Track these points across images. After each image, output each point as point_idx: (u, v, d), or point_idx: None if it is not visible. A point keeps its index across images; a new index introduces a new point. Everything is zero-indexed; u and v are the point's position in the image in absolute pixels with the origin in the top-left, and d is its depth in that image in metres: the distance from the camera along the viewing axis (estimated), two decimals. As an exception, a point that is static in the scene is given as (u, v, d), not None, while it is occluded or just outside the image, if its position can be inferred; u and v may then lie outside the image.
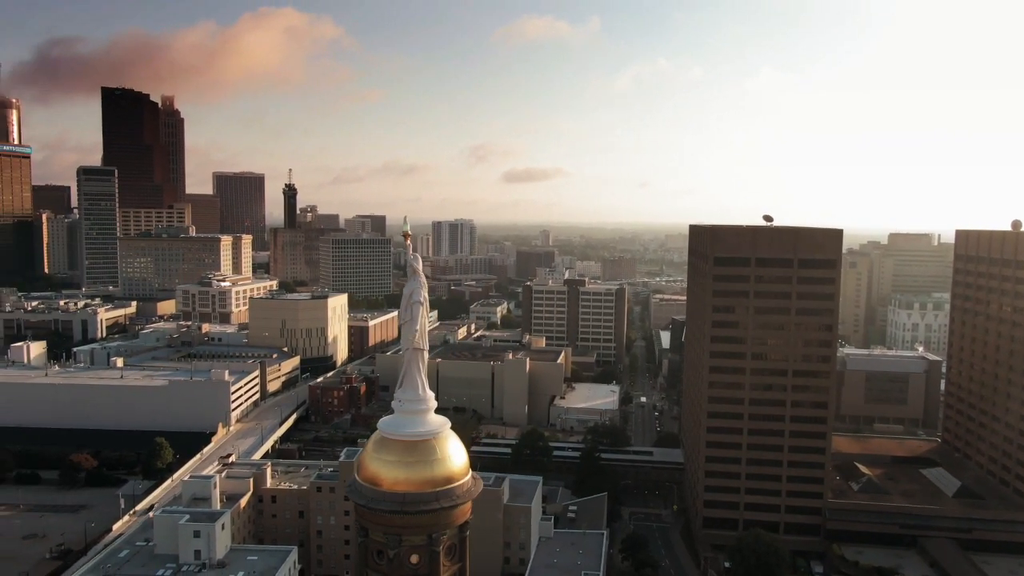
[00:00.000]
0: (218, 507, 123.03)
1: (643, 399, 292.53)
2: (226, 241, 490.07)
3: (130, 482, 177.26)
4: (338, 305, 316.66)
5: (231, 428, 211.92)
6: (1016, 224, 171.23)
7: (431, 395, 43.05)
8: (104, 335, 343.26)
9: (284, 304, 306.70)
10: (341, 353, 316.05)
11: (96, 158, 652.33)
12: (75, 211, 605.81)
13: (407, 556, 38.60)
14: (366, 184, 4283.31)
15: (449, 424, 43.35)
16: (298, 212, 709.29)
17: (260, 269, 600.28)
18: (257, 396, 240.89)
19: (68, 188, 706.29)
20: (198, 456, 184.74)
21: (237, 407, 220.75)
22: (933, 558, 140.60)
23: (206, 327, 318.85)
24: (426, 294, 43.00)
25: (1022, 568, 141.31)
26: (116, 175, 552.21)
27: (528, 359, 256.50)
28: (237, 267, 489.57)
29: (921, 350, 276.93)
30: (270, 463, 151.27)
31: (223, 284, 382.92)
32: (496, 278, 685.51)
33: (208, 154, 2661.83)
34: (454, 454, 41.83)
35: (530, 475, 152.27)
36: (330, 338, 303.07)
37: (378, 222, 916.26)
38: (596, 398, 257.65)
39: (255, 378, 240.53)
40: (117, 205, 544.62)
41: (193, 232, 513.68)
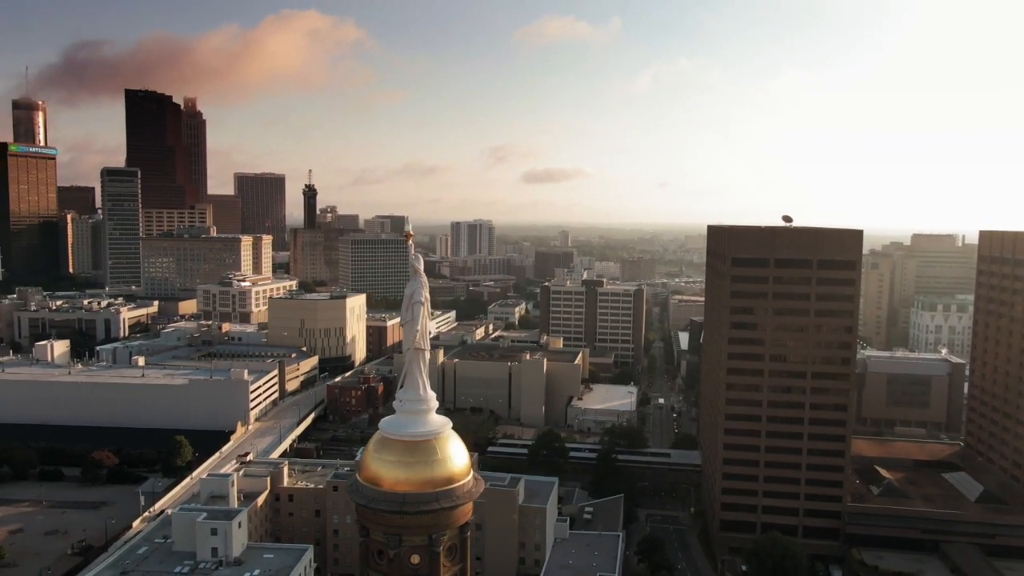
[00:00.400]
0: (235, 505, 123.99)
1: (661, 400, 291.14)
2: (246, 241, 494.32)
3: (150, 480, 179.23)
4: (356, 305, 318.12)
5: (250, 427, 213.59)
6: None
7: (432, 395, 43.00)
8: (126, 334, 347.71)
9: (303, 304, 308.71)
10: (359, 353, 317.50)
11: (121, 159, 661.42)
12: (99, 212, 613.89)
13: (407, 556, 38.58)
14: (386, 185, 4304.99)
15: (450, 424, 43.31)
16: (318, 212, 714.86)
17: (280, 269, 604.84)
18: (276, 395, 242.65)
19: (93, 189, 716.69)
20: (217, 454, 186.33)
21: (256, 406, 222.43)
22: (955, 564, 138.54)
23: (226, 327, 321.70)
24: (427, 294, 43.05)
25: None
26: (139, 176, 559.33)
27: (545, 360, 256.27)
28: (257, 267, 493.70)
29: (944, 352, 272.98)
30: (287, 462, 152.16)
31: (243, 284, 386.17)
32: (514, 279, 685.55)
33: (231, 155, 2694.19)
34: (455, 455, 41.69)
35: (546, 476, 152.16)
36: (348, 338, 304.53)
37: (397, 223, 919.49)
38: (613, 399, 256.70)
39: (274, 377, 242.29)
40: (140, 206, 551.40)
41: (214, 232, 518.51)
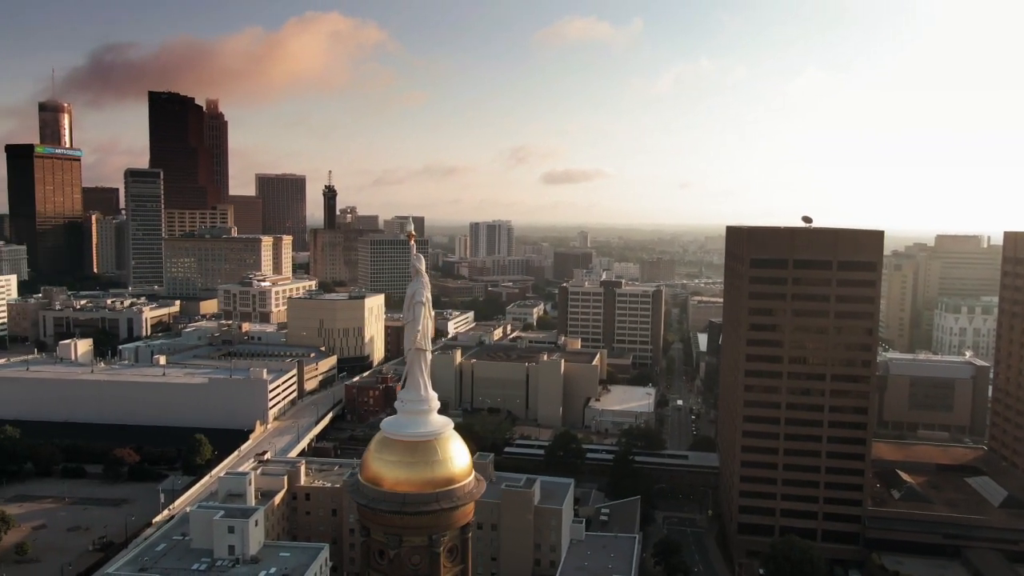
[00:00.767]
0: (253, 504, 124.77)
1: (679, 402, 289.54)
2: (267, 242, 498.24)
3: (170, 477, 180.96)
4: (375, 305, 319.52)
5: (268, 426, 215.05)
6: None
7: (434, 395, 42.93)
8: (148, 333, 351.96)
9: (322, 304, 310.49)
10: (377, 353, 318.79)
11: (145, 161, 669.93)
12: (123, 212, 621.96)
13: (408, 557, 38.48)
14: (406, 186, 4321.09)
15: (452, 425, 43.21)
16: (338, 213, 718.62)
17: (300, 269, 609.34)
18: (294, 395, 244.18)
19: (117, 190, 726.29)
20: (236, 453, 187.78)
21: (275, 405, 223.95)
22: (977, 570, 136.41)
23: (246, 326, 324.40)
24: (428, 295, 43.04)
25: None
26: (162, 177, 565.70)
27: (563, 360, 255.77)
28: (278, 267, 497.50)
29: (969, 355, 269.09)
30: (304, 461, 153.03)
31: (263, 284, 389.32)
32: (533, 279, 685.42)
33: (253, 156, 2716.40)
34: (456, 455, 41.53)
35: (563, 477, 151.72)
36: (367, 338, 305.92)
37: (417, 223, 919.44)
38: (631, 400, 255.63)
39: (293, 377, 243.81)
40: (162, 206, 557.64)
41: (235, 233, 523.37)
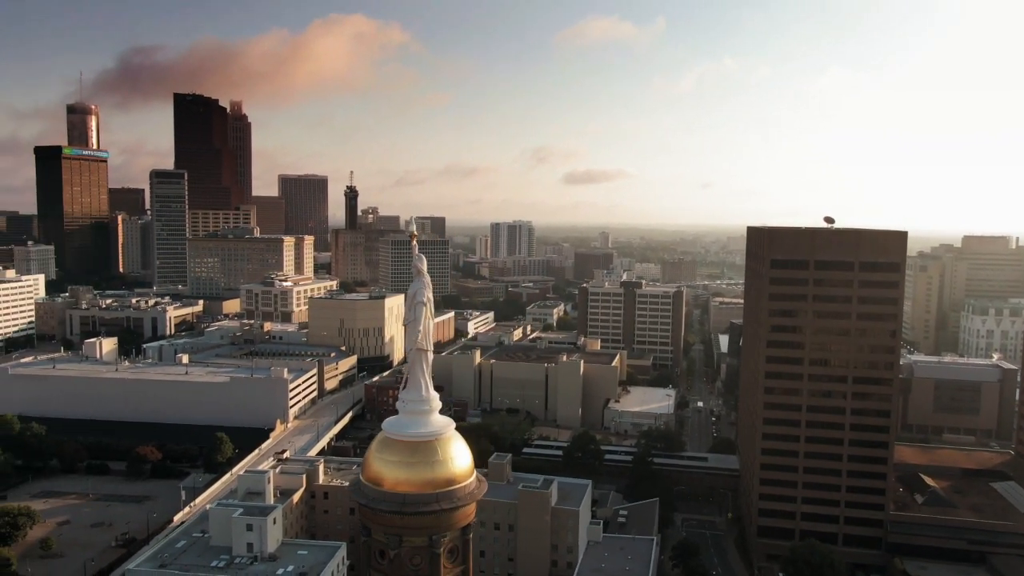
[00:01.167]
0: (271, 502, 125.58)
1: (700, 404, 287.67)
2: (289, 242, 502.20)
3: (192, 475, 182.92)
4: (395, 305, 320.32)
5: (289, 425, 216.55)
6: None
7: (435, 396, 42.85)
8: (172, 332, 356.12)
9: (342, 304, 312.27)
10: (398, 353, 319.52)
11: (170, 162, 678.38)
12: (148, 213, 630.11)
13: (408, 557, 38.41)
14: (427, 186, 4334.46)
15: (453, 425, 43.12)
16: (359, 214, 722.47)
17: (322, 269, 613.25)
18: (315, 394, 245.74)
19: (142, 191, 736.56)
20: (256, 451, 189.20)
21: (295, 404, 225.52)
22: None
23: (268, 326, 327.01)
24: (430, 295, 43.03)
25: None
26: (186, 178, 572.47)
27: (582, 361, 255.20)
28: (299, 267, 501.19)
29: (996, 358, 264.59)
30: (323, 460, 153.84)
31: (285, 284, 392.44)
32: (554, 280, 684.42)
33: (276, 157, 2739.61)
34: (457, 456, 41.38)
35: (581, 478, 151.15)
36: (387, 338, 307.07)
37: (438, 223, 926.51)
38: (651, 402, 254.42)
39: (313, 376, 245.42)
40: (187, 207, 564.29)
41: (258, 233, 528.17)
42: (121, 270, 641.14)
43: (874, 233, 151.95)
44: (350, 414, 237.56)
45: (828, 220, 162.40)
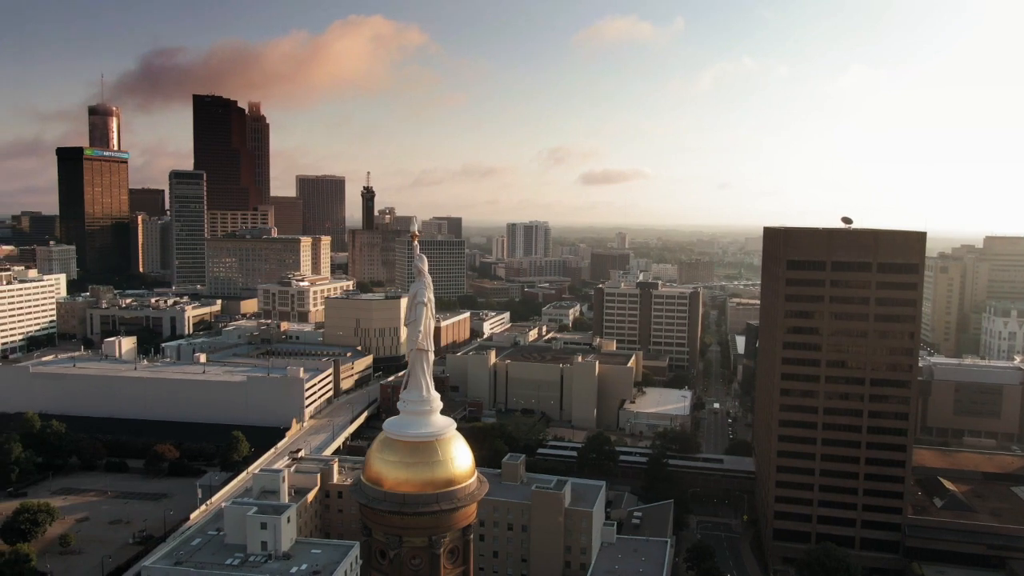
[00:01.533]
0: (286, 500, 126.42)
1: (716, 405, 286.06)
2: (306, 242, 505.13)
3: (208, 473, 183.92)
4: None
5: (305, 424, 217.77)
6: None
7: (436, 396, 42.88)
8: (191, 331, 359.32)
9: (358, 304, 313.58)
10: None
11: (189, 163, 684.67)
12: (168, 213, 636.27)
13: (408, 557, 38.41)
14: (444, 187, 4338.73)
15: (454, 426, 43.08)
16: (376, 214, 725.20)
17: (339, 270, 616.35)
18: (331, 393, 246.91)
19: (162, 191, 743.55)
20: (272, 450, 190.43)
21: (311, 404, 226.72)
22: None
23: (285, 325, 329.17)
24: (431, 295, 43.00)
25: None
26: (204, 178, 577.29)
27: (597, 362, 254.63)
28: (316, 267, 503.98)
29: (1019, 360, 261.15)
30: (338, 459, 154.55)
31: (301, 284, 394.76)
32: (570, 280, 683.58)
33: (294, 158, 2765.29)
34: (458, 456, 41.35)
35: (596, 479, 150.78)
36: (402, 338, 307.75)
37: (454, 224, 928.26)
38: (667, 403, 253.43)
39: (329, 376, 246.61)
40: (205, 207, 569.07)
41: (275, 233, 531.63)
42: (141, 270, 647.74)
43: (892, 234, 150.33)
44: (365, 414, 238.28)
45: (846, 220, 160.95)
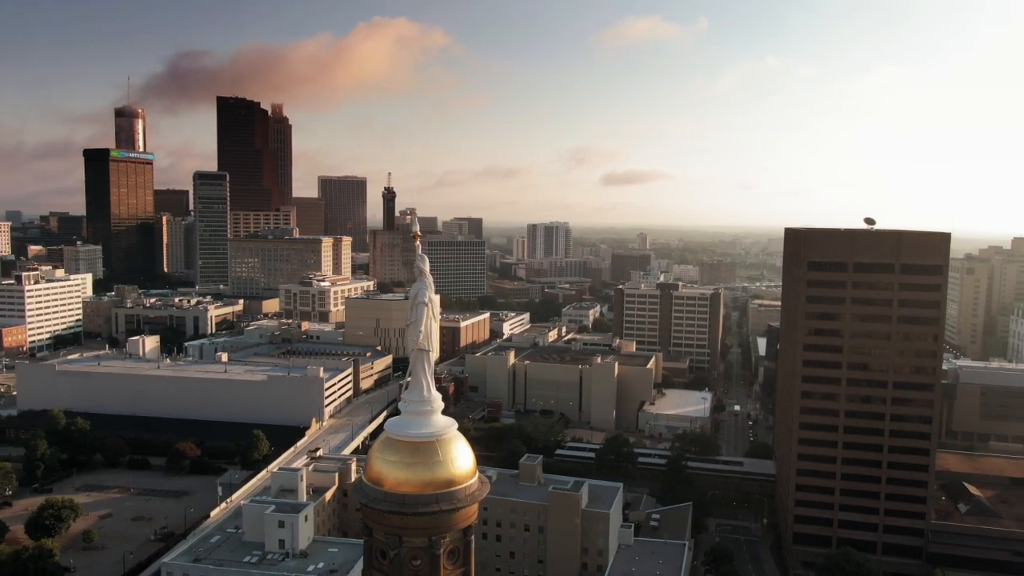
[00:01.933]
0: (304, 499, 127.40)
1: (737, 407, 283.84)
2: (327, 243, 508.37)
3: (229, 471, 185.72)
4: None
5: (324, 423, 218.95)
6: None
7: (437, 396, 42.85)
8: (213, 331, 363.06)
9: (378, 304, 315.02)
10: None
11: (213, 164, 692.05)
12: (192, 214, 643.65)
13: (408, 558, 38.39)
14: (465, 188, 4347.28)
15: (456, 426, 43.03)
16: (397, 215, 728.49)
17: (360, 270, 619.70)
18: (350, 393, 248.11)
19: (187, 192, 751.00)
20: (292, 449, 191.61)
21: (330, 403, 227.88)
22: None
23: (305, 325, 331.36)
24: (432, 295, 42.96)
25: None
26: (228, 179, 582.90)
27: (617, 363, 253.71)
28: (337, 268, 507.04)
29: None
30: (355, 458, 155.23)
31: (322, 284, 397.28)
32: (590, 281, 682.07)
33: (317, 159, 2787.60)
34: (458, 457, 41.28)
35: (614, 481, 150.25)
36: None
37: (475, 225, 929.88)
38: (686, 405, 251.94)
39: (348, 375, 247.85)
40: (228, 208, 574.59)
41: (297, 234, 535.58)
42: (165, 270, 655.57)
43: (915, 234, 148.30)
44: (384, 413, 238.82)
45: (868, 221, 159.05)
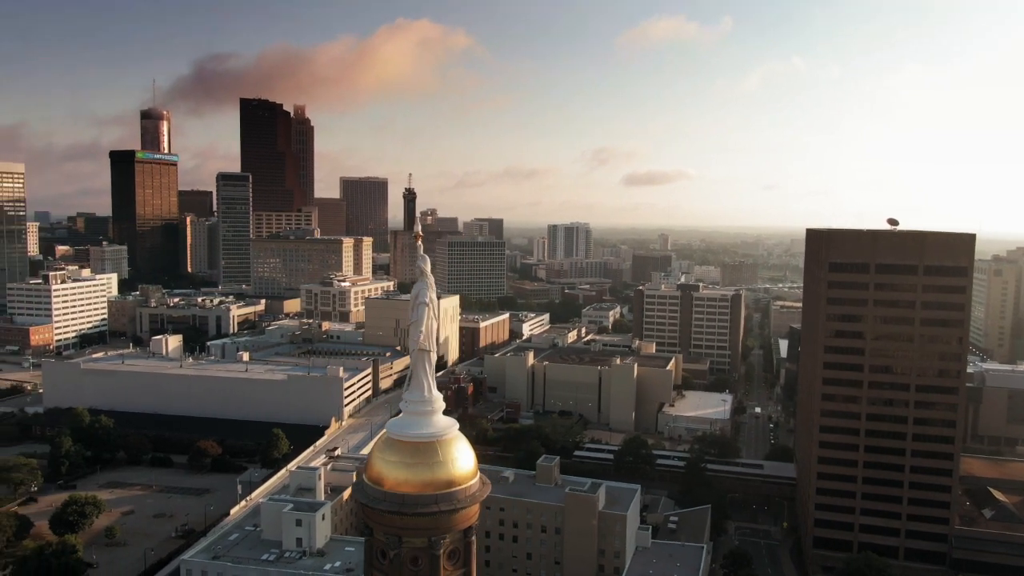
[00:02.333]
0: (322, 498, 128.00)
1: (758, 410, 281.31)
2: (348, 243, 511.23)
3: (249, 470, 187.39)
4: (450, 306, 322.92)
5: (343, 423, 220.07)
6: None
7: (438, 396, 42.75)
8: (235, 330, 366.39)
9: (397, 304, 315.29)
10: (452, 354, 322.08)
11: (237, 165, 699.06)
12: (215, 214, 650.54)
13: (408, 558, 38.32)
14: (487, 188, 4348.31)
15: (457, 426, 42.94)
16: (418, 215, 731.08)
17: (380, 270, 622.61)
18: (369, 393, 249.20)
19: (210, 193, 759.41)
20: (311, 448, 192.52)
21: (350, 403, 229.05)
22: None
23: (326, 325, 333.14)
24: (433, 296, 42.91)
25: None
26: (250, 180, 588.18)
27: (636, 365, 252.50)
28: (358, 268, 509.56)
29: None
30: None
31: (343, 284, 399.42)
32: (611, 282, 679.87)
33: (339, 160, 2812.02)
34: (459, 457, 41.15)
35: (632, 483, 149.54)
36: (441, 338, 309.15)
37: (495, 225, 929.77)
38: (706, 407, 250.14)
39: (368, 375, 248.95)
40: (251, 208, 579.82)
41: (318, 234, 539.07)
42: (189, 270, 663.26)
43: (939, 235, 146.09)
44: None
45: (892, 222, 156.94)
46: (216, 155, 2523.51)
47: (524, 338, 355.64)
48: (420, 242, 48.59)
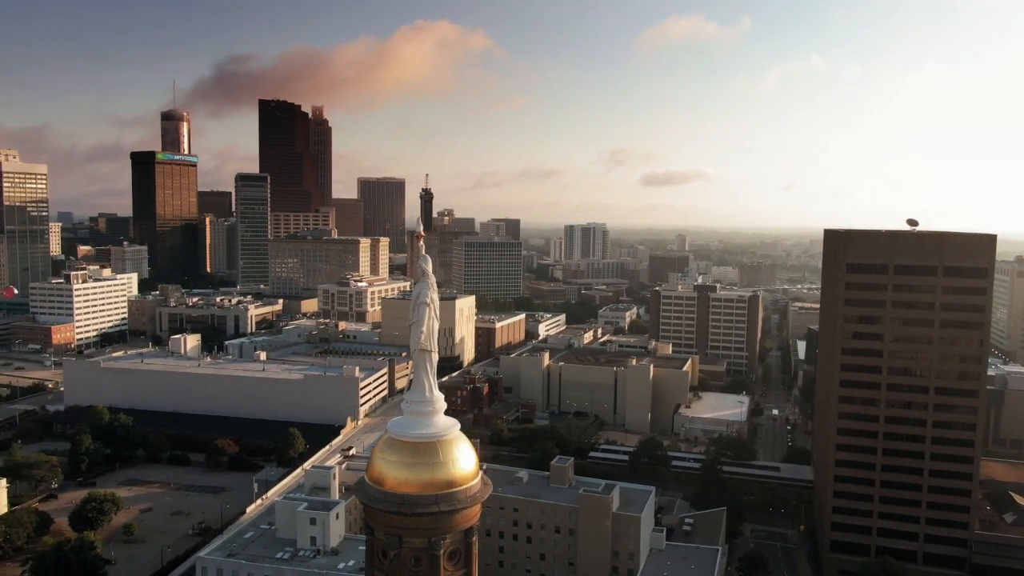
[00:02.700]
0: (336, 497, 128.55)
1: (775, 411, 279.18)
2: (365, 243, 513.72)
3: (265, 468, 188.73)
4: (466, 307, 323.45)
5: (359, 422, 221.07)
6: None
7: (439, 396, 42.69)
8: (253, 330, 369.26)
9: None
10: (468, 354, 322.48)
11: (256, 166, 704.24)
12: (234, 215, 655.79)
13: (408, 558, 38.29)
14: (504, 189, 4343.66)
15: (458, 426, 42.90)
16: (435, 216, 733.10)
17: (397, 271, 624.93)
18: (385, 392, 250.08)
19: (229, 194, 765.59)
20: (327, 447, 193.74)
21: (365, 402, 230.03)
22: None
23: (342, 325, 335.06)
24: (434, 296, 42.91)
25: None
26: (269, 181, 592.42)
27: (652, 366, 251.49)
28: (375, 268, 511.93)
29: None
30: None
31: (359, 284, 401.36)
32: (628, 283, 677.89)
33: (357, 161, 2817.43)
34: (460, 457, 41.07)
35: (647, 484, 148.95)
36: (457, 339, 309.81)
37: (512, 226, 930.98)
38: (723, 408, 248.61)
39: (383, 375, 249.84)
40: (269, 209, 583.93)
41: (336, 235, 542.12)
42: (208, 269, 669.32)
43: (959, 236, 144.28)
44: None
45: (911, 223, 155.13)
46: (235, 156, 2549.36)
47: (540, 339, 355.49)
48: (422, 242, 48.69)
